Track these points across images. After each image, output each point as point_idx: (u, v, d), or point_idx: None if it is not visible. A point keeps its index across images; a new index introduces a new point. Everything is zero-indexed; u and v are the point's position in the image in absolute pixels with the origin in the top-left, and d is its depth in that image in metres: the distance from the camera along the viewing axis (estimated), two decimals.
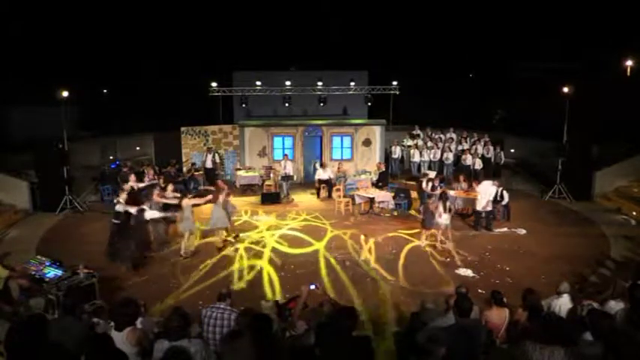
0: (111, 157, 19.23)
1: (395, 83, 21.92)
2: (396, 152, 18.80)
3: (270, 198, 14.41)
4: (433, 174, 15.16)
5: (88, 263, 7.75)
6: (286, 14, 27.49)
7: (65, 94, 13.23)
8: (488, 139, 18.40)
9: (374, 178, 15.07)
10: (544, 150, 17.38)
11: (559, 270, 8.84)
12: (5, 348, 3.52)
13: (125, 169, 14.99)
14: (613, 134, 16.23)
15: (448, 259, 9.76)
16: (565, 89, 14.26)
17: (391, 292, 8.15)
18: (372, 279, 8.76)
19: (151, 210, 9.85)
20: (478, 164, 17.40)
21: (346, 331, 3.90)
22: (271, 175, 16.10)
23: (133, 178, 11.53)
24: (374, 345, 4.33)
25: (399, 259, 9.73)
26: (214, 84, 22.34)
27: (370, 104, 22.06)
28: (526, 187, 16.39)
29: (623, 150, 15.48)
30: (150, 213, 9.63)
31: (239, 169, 16.70)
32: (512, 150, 19.84)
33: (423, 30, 27.15)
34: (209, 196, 10.75)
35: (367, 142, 17.62)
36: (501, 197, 12.02)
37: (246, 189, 15.88)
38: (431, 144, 19.21)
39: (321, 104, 21.85)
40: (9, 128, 19.44)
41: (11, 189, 13.50)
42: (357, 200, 13.34)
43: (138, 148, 20.68)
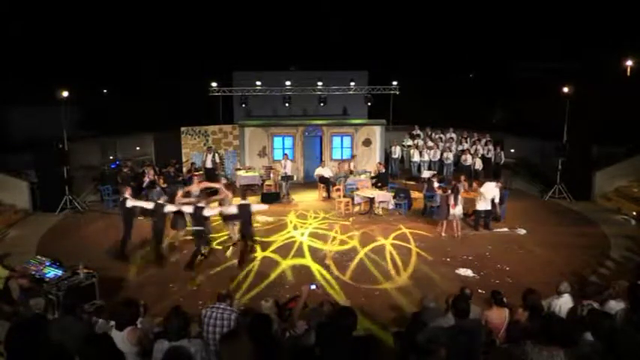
0: (111, 157, 19.19)
1: (395, 83, 21.90)
2: (396, 152, 18.79)
3: (270, 198, 14.41)
4: (432, 174, 15.17)
5: (88, 263, 7.76)
6: (286, 14, 27.49)
7: (65, 94, 13.21)
8: (489, 139, 18.40)
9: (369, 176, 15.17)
10: (544, 150, 17.39)
11: (559, 270, 8.86)
12: (5, 348, 3.51)
13: (125, 169, 15.03)
14: (613, 134, 16.22)
15: (449, 259, 9.77)
16: (565, 89, 14.27)
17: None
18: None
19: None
20: (478, 164, 17.40)
21: (346, 331, 3.89)
22: (271, 175, 16.10)
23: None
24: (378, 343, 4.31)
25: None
26: (214, 84, 22.32)
27: (370, 104, 22.03)
28: (526, 187, 16.39)
29: (623, 150, 15.49)
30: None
31: (239, 169, 16.71)
32: (512, 150, 19.81)
33: (423, 30, 27.13)
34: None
35: (367, 142, 17.61)
36: (501, 198, 12.02)
37: (246, 189, 15.84)
38: (431, 144, 19.19)
39: (321, 104, 21.83)
40: (9, 128, 19.41)
41: (11, 189, 13.51)
42: (357, 200, 13.34)
43: (138, 148, 20.65)
